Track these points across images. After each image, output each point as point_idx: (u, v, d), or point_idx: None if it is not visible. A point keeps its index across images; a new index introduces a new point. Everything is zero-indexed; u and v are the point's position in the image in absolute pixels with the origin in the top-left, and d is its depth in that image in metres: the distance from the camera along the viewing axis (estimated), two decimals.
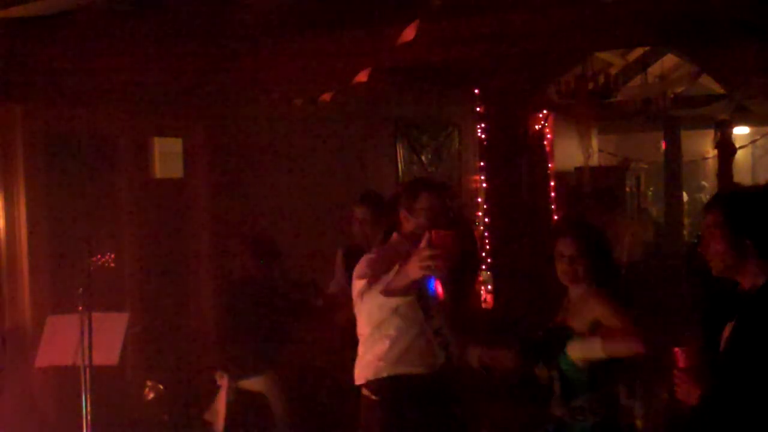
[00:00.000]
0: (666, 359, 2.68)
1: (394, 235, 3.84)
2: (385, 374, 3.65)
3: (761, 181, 11.55)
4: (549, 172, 10.91)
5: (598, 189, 9.83)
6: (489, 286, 9.47)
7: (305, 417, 5.83)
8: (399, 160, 8.94)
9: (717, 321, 2.73)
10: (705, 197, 16.20)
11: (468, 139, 10.13)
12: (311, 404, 6.15)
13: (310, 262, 7.09)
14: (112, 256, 4.86)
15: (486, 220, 9.65)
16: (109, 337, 4.41)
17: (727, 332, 2.61)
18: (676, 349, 2.62)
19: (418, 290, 3.52)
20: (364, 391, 3.73)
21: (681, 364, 2.60)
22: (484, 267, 9.45)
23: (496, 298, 9.33)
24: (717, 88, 12.23)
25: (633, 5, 5.80)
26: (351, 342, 3.96)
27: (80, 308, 4.24)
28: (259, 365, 5.47)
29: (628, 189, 12.68)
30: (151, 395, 5.65)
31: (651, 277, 8.13)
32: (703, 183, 17.25)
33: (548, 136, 11.19)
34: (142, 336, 5.92)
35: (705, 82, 12.37)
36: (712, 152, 14.32)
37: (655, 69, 12.32)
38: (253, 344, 5.42)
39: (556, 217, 10.51)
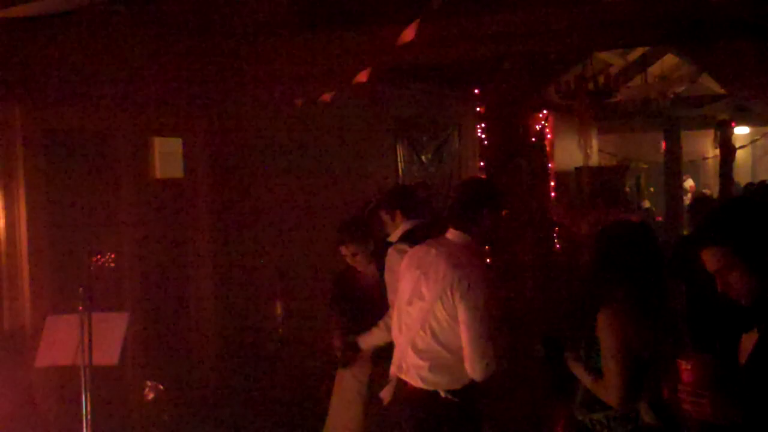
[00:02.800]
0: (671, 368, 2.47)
1: (453, 232, 3.75)
2: (469, 381, 3.65)
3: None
4: (549, 172, 10.93)
5: (598, 186, 9.84)
6: None
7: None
8: (399, 160, 8.94)
9: (726, 330, 2.59)
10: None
11: (468, 139, 10.14)
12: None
13: (310, 262, 7.10)
14: (112, 256, 4.86)
15: None
16: (109, 337, 4.40)
17: (744, 343, 2.44)
18: (680, 360, 2.38)
19: None
20: (443, 394, 3.67)
21: (685, 378, 2.35)
22: None
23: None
24: (717, 88, 12.25)
25: (633, 5, 5.80)
26: None
27: (80, 308, 4.24)
28: None
29: (628, 189, 12.71)
30: (151, 395, 5.64)
31: None
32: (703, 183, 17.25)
33: (548, 136, 11.20)
34: (142, 336, 5.92)
35: (705, 82, 12.39)
36: (712, 152, 14.34)
37: (655, 69, 12.34)
38: None
39: (555, 217, 10.52)
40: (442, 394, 3.65)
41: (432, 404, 3.68)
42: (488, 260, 3.97)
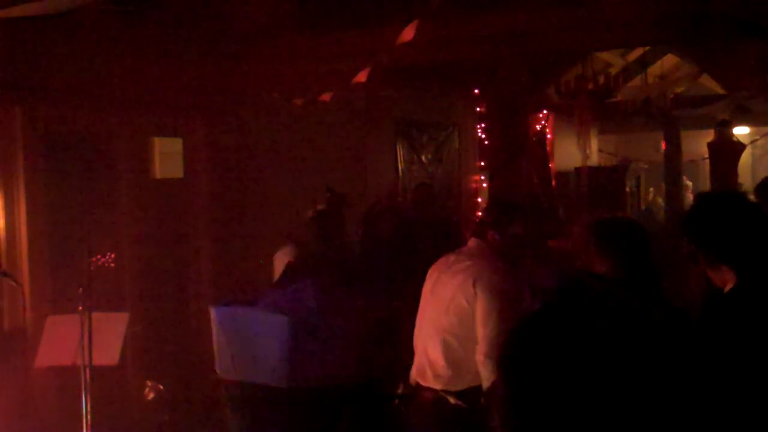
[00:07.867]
0: None
1: (473, 240, 3.91)
2: (476, 383, 3.69)
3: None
4: (550, 172, 10.91)
5: (598, 187, 9.83)
6: None
7: None
8: (399, 160, 8.93)
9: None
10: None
11: (468, 139, 10.13)
12: None
13: None
14: (112, 256, 4.86)
15: None
16: (109, 337, 4.41)
17: None
18: None
19: None
20: (452, 399, 3.69)
21: None
22: None
23: None
24: (717, 88, 12.24)
25: (633, 5, 5.80)
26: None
27: (80, 308, 4.24)
28: None
29: (628, 189, 12.68)
30: (151, 395, 5.65)
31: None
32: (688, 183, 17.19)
33: (548, 136, 11.20)
34: (142, 336, 5.92)
35: (705, 82, 12.38)
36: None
37: (655, 69, 12.33)
38: None
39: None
40: (452, 400, 3.67)
41: (440, 412, 3.72)
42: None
